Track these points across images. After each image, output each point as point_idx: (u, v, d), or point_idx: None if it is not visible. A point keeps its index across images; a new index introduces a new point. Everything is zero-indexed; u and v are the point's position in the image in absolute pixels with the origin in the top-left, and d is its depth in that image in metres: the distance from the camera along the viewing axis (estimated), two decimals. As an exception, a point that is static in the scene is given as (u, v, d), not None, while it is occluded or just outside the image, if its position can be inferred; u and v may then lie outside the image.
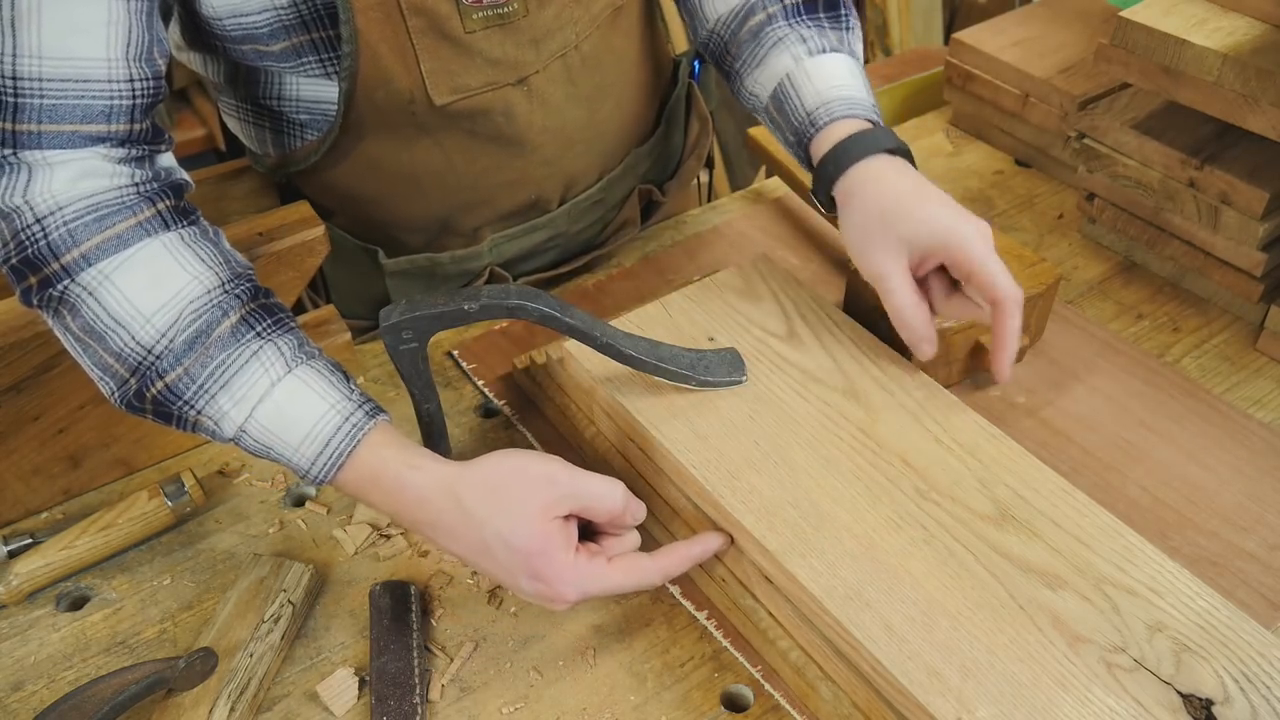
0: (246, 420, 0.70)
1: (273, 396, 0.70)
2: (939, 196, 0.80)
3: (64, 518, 0.86)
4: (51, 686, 0.74)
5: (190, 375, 0.69)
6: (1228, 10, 0.98)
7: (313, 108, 0.92)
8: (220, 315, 0.70)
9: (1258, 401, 0.95)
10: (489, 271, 1.06)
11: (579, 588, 0.68)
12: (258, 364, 0.70)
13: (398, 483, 0.70)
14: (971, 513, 0.73)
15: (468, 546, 0.69)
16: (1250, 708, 0.62)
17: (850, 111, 0.85)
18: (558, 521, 0.68)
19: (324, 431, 0.70)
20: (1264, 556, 0.81)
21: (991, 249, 0.78)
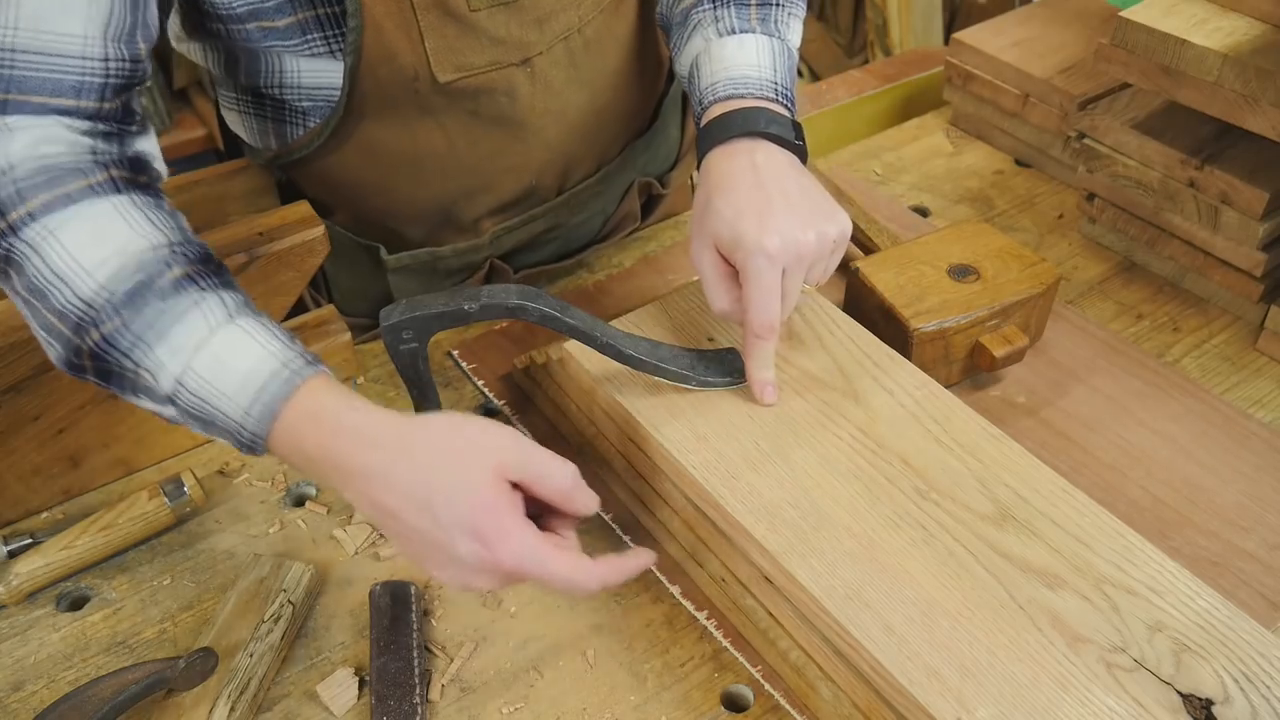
0: (183, 372, 0.65)
1: (210, 344, 0.65)
2: (756, 199, 0.76)
3: (64, 518, 0.86)
4: (51, 686, 0.74)
5: (127, 325, 0.65)
6: (1228, 10, 0.98)
7: (315, 94, 0.92)
8: (164, 268, 0.66)
9: (1258, 401, 0.95)
10: (489, 264, 1.06)
11: (517, 558, 0.62)
12: (198, 312, 0.66)
13: (338, 424, 0.64)
14: (971, 513, 0.73)
15: (404, 498, 0.63)
16: (1250, 708, 0.62)
17: (733, 91, 0.83)
18: (508, 485, 0.64)
19: (260, 375, 0.65)
20: (1264, 556, 0.81)
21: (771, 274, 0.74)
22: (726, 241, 0.76)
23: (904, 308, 0.90)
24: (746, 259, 0.75)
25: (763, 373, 0.79)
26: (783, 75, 0.85)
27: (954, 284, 0.93)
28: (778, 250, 0.74)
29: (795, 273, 0.76)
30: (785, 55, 0.87)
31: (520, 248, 1.08)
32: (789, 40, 0.88)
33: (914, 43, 2.66)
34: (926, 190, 1.22)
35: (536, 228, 1.07)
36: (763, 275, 0.74)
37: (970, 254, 0.96)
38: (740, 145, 0.80)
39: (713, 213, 0.77)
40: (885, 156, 1.28)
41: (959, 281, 0.93)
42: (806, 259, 0.76)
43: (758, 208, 0.76)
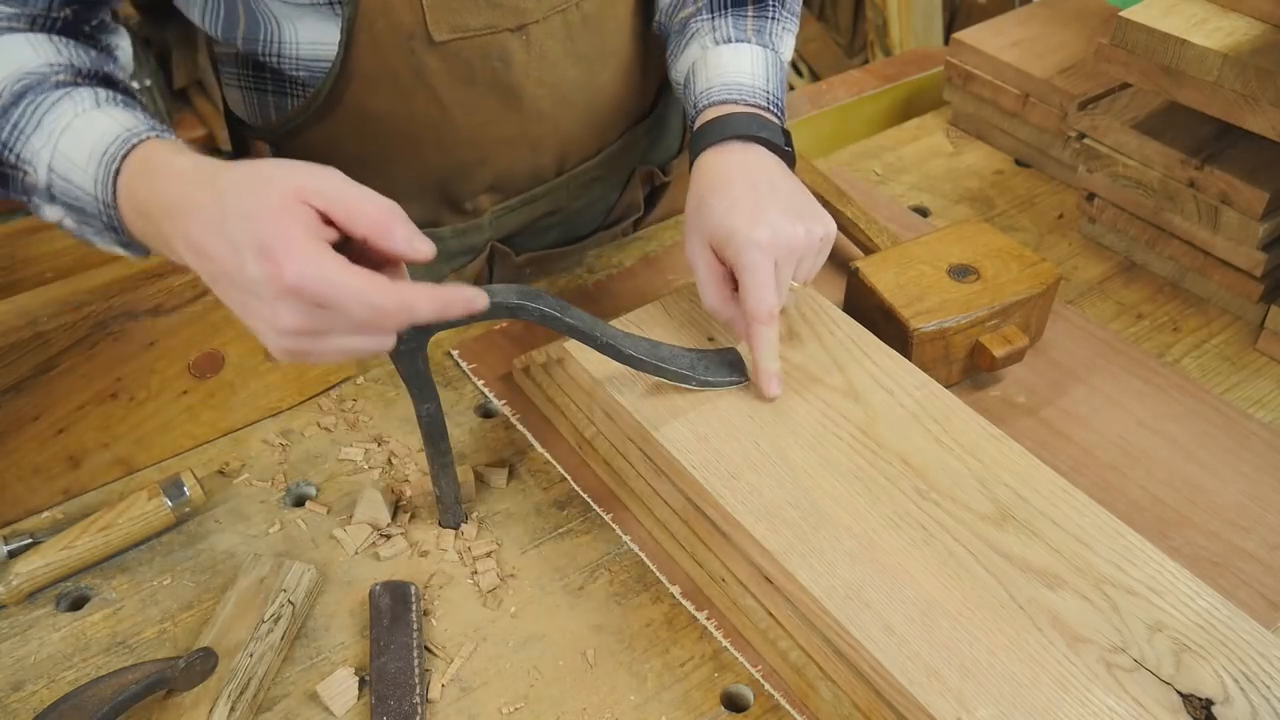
0: (52, 156, 0.68)
1: (73, 126, 0.68)
2: (748, 195, 0.79)
3: (64, 518, 0.86)
4: (51, 686, 0.74)
5: (8, 118, 0.69)
6: (1228, 10, 0.98)
7: (312, 65, 0.92)
8: (51, 74, 0.70)
9: (1258, 401, 0.95)
10: (490, 248, 1.06)
11: (303, 273, 0.58)
12: (68, 101, 0.69)
13: (166, 168, 0.65)
14: (971, 513, 0.73)
15: (206, 226, 0.61)
16: (1250, 708, 0.62)
17: (727, 96, 0.86)
18: (307, 207, 0.60)
19: (104, 141, 0.67)
20: (1264, 556, 0.81)
21: (764, 266, 0.76)
22: (720, 236, 0.79)
23: (904, 308, 0.90)
24: (739, 252, 0.77)
25: (769, 363, 0.79)
26: (774, 86, 0.89)
27: (954, 284, 0.93)
28: (769, 242, 0.77)
29: (785, 266, 0.79)
30: (778, 67, 0.91)
31: (521, 231, 1.09)
32: (781, 53, 0.93)
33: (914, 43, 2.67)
34: (926, 190, 1.22)
35: (537, 209, 1.07)
36: (758, 266, 0.77)
37: (970, 254, 0.96)
38: (733, 147, 0.83)
39: (706, 210, 0.80)
40: (885, 156, 1.28)
41: (959, 281, 0.93)
42: (796, 252, 0.79)
43: (749, 204, 0.79)
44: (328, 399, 0.95)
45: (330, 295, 0.59)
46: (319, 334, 0.62)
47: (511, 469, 0.89)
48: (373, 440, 0.92)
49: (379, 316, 0.61)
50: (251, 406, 0.92)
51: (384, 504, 0.84)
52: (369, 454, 0.90)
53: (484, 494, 0.87)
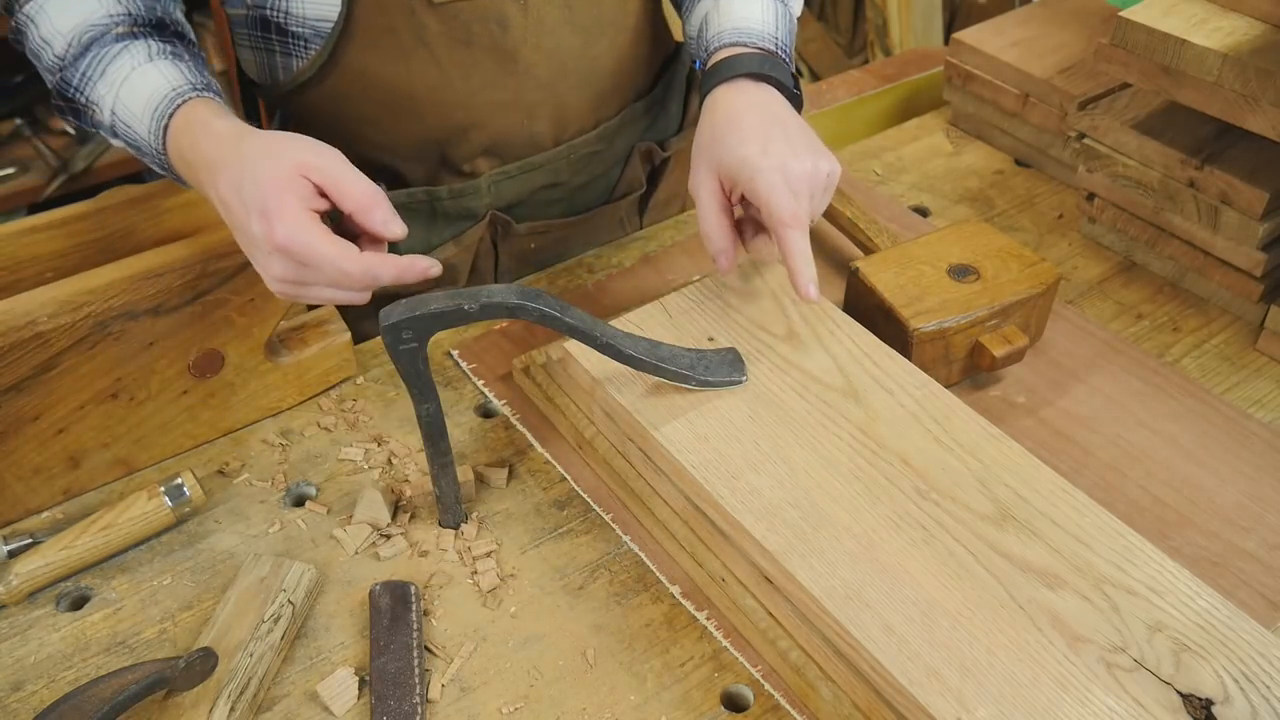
0: (114, 102, 0.81)
1: (130, 79, 0.81)
2: (759, 128, 0.83)
3: (64, 518, 0.86)
4: (51, 686, 0.74)
5: (77, 66, 0.83)
6: (1228, 10, 0.98)
7: (316, 25, 0.95)
8: (113, 26, 0.83)
9: (1258, 401, 0.95)
10: (490, 215, 1.08)
11: (289, 235, 0.71)
12: (126, 55, 0.82)
13: (206, 127, 0.77)
14: (971, 513, 0.73)
15: (230, 184, 0.74)
16: (1250, 707, 0.62)
17: (738, 40, 0.90)
18: (306, 181, 0.73)
19: (156, 98, 0.80)
20: (1264, 556, 0.81)
21: (782, 185, 0.80)
22: (731, 165, 0.82)
23: (904, 308, 0.90)
24: (753, 177, 0.81)
25: (805, 267, 0.80)
26: (784, 34, 0.93)
27: (954, 284, 0.93)
28: (781, 170, 0.81)
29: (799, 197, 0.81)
30: (787, 18, 0.95)
31: (522, 203, 1.10)
32: (791, 6, 0.98)
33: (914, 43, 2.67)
34: (926, 190, 1.22)
35: (536, 180, 1.09)
36: (774, 185, 0.80)
37: (970, 254, 0.96)
38: (745, 84, 0.87)
39: (718, 141, 0.84)
40: (885, 156, 1.28)
41: (959, 281, 0.93)
42: (805, 185, 0.81)
43: (761, 137, 0.83)
44: (328, 399, 0.96)
45: (308, 257, 0.72)
46: (303, 284, 0.74)
47: (511, 469, 0.89)
48: (373, 440, 0.92)
49: (346, 279, 0.73)
50: (251, 406, 0.92)
51: (384, 504, 0.84)
52: (369, 454, 0.90)
53: (484, 494, 0.87)
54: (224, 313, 0.86)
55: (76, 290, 0.79)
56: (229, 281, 0.85)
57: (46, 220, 0.89)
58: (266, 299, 0.88)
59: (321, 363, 0.95)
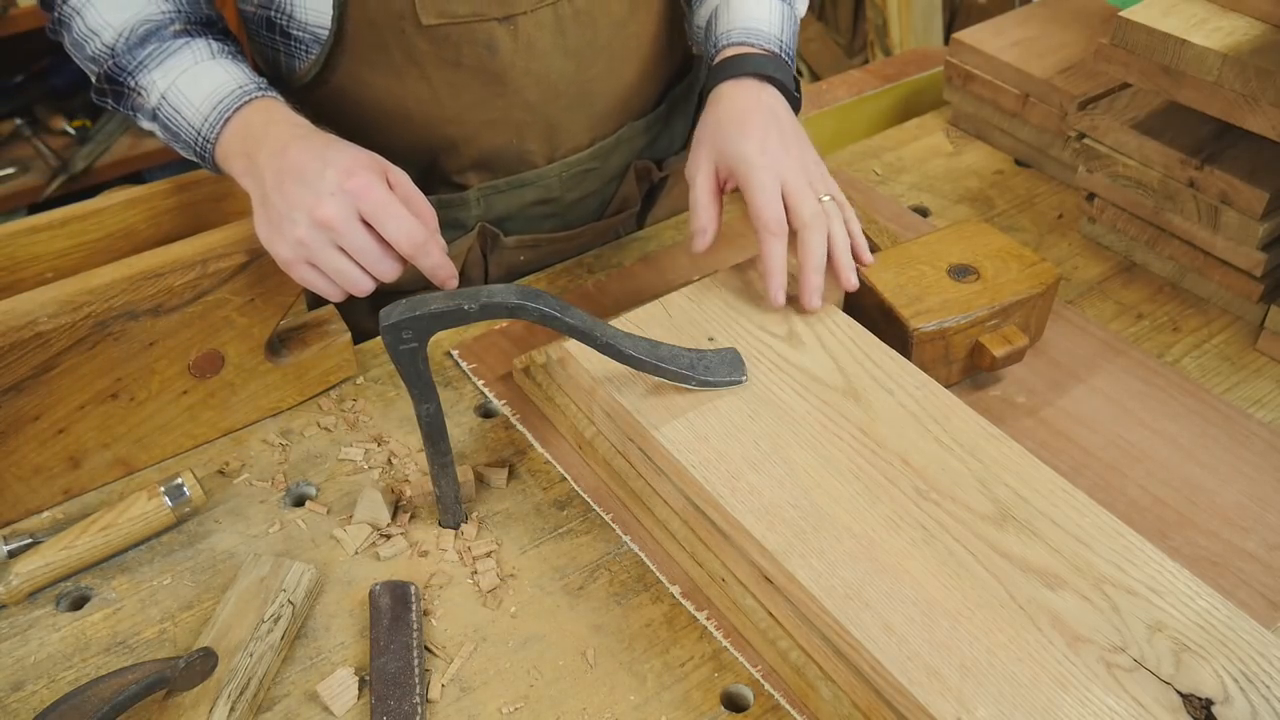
0: (168, 88, 0.84)
1: (193, 70, 0.85)
2: (760, 127, 0.87)
3: (64, 518, 0.86)
4: (51, 686, 0.74)
5: (134, 55, 0.86)
6: (1228, 10, 0.98)
7: (315, 30, 0.96)
8: (169, 23, 0.87)
9: (1258, 401, 0.95)
10: (479, 228, 1.08)
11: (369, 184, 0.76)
12: (189, 50, 0.86)
13: (286, 117, 0.83)
14: (971, 513, 0.73)
15: (309, 149, 0.78)
16: (1250, 707, 0.62)
17: (745, 39, 0.94)
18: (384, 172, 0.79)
19: (222, 91, 0.84)
20: (1264, 556, 0.81)
21: (772, 188, 0.85)
22: (731, 157, 0.87)
23: (904, 308, 0.90)
24: (749, 173, 0.85)
25: (777, 274, 0.85)
26: (788, 36, 0.97)
27: (954, 284, 0.93)
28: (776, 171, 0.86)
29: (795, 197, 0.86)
30: (791, 20, 0.99)
31: (512, 217, 1.10)
32: (796, 6, 1.01)
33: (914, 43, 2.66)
34: (926, 190, 1.22)
35: (527, 195, 1.08)
36: (765, 185, 0.85)
37: (970, 254, 0.96)
38: (750, 83, 0.91)
39: (721, 132, 0.88)
40: (885, 156, 1.28)
41: (959, 281, 0.93)
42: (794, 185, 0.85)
43: (760, 136, 0.87)
44: (328, 399, 0.96)
45: (381, 206, 0.77)
46: (337, 241, 0.77)
47: (511, 469, 0.89)
48: (373, 440, 0.92)
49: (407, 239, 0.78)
50: (251, 406, 0.92)
51: (384, 504, 0.84)
52: (369, 454, 0.90)
53: (484, 494, 0.87)
54: (224, 313, 0.86)
55: (76, 290, 0.79)
56: (229, 281, 0.85)
57: (46, 220, 0.89)
58: (267, 299, 0.88)
59: (321, 363, 0.95)
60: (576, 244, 1.15)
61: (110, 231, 0.91)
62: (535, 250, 1.12)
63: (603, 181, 1.13)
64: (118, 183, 0.87)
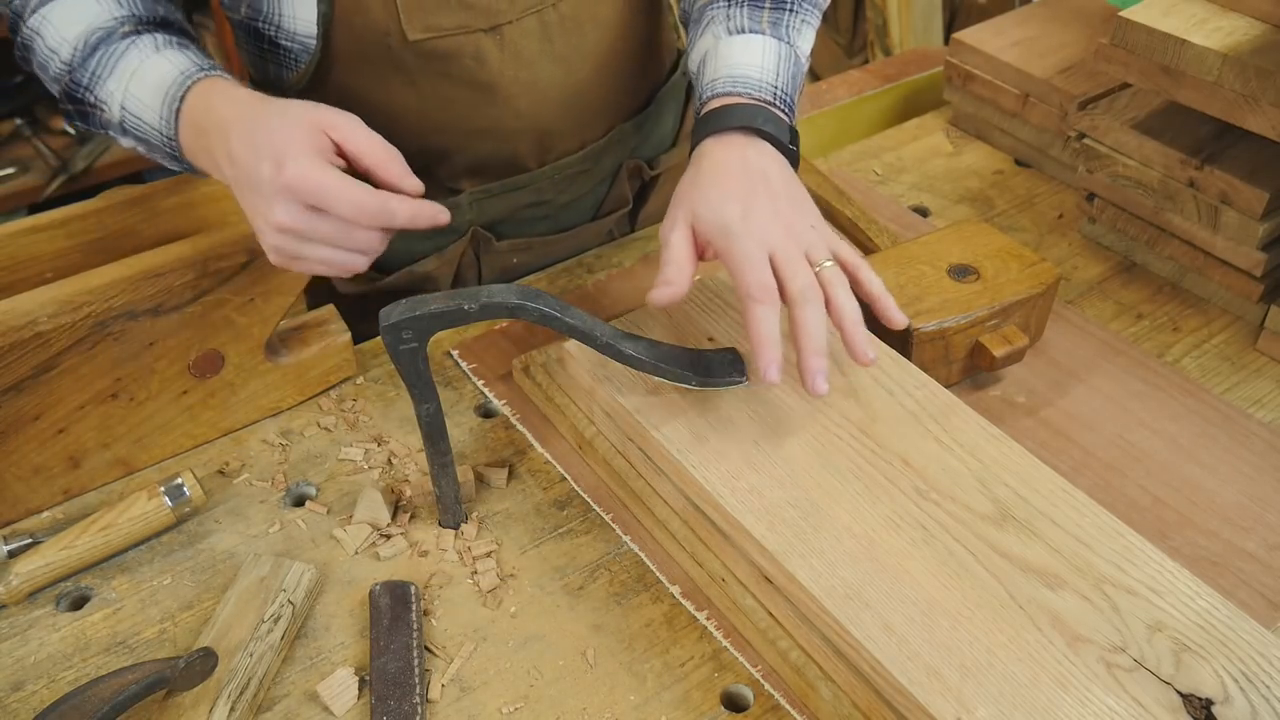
0: (124, 96, 0.81)
1: (140, 70, 0.81)
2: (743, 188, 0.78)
3: (64, 518, 0.86)
4: (51, 686, 0.74)
5: (86, 66, 0.82)
6: (1228, 10, 0.98)
7: (302, 39, 0.95)
8: (118, 26, 0.83)
9: (1258, 401, 0.95)
10: (471, 232, 1.08)
11: (300, 173, 0.71)
12: (134, 50, 0.82)
13: (222, 94, 0.78)
14: (971, 513, 0.73)
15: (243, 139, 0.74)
16: (1250, 707, 0.62)
17: (733, 88, 0.84)
18: (323, 133, 0.74)
19: (166, 82, 0.80)
20: (1264, 556, 0.81)
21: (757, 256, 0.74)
22: (710, 224, 0.77)
23: (904, 308, 0.90)
24: (731, 242, 0.75)
25: (767, 349, 0.73)
26: (784, 80, 0.86)
27: (954, 284, 0.93)
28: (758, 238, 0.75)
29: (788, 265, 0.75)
30: (791, 61, 0.87)
31: (505, 220, 1.10)
32: (799, 47, 0.89)
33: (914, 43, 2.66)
34: (926, 190, 1.22)
35: (520, 199, 1.08)
36: (749, 254, 0.75)
37: (970, 254, 0.96)
38: (735, 138, 0.81)
39: (700, 195, 0.78)
40: (885, 156, 1.28)
41: (959, 281, 0.93)
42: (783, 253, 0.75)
43: (743, 200, 0.77)
44: (328, 399, 0.96)
45: (320, 193, 0.71)
46: (305, 238, 0.74)
47: (511, 469, 0.89)
48: (373, 440, 0.92)
49: (360, 213, 0.73)
50: (251, 406, 0.92)
51: (384, 504, 0.84)
52: (369, 454, 0.90)
53: (484, 494, 0.87)
54: (224, 313, 0.86)
55: (76, 290, 0.79)
56: (229, 281, 0.85)
57: (47, 220, 0.89)
58: (267, 299, 0.88)
59: (321, 363, 0.95)
60: (569, 245, 1.15)
61: (110, 231, 0.91)
62: (528, 252, 1.13)
63: (595, 183, 1.14)
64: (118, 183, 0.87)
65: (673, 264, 0.77)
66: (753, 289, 0.74)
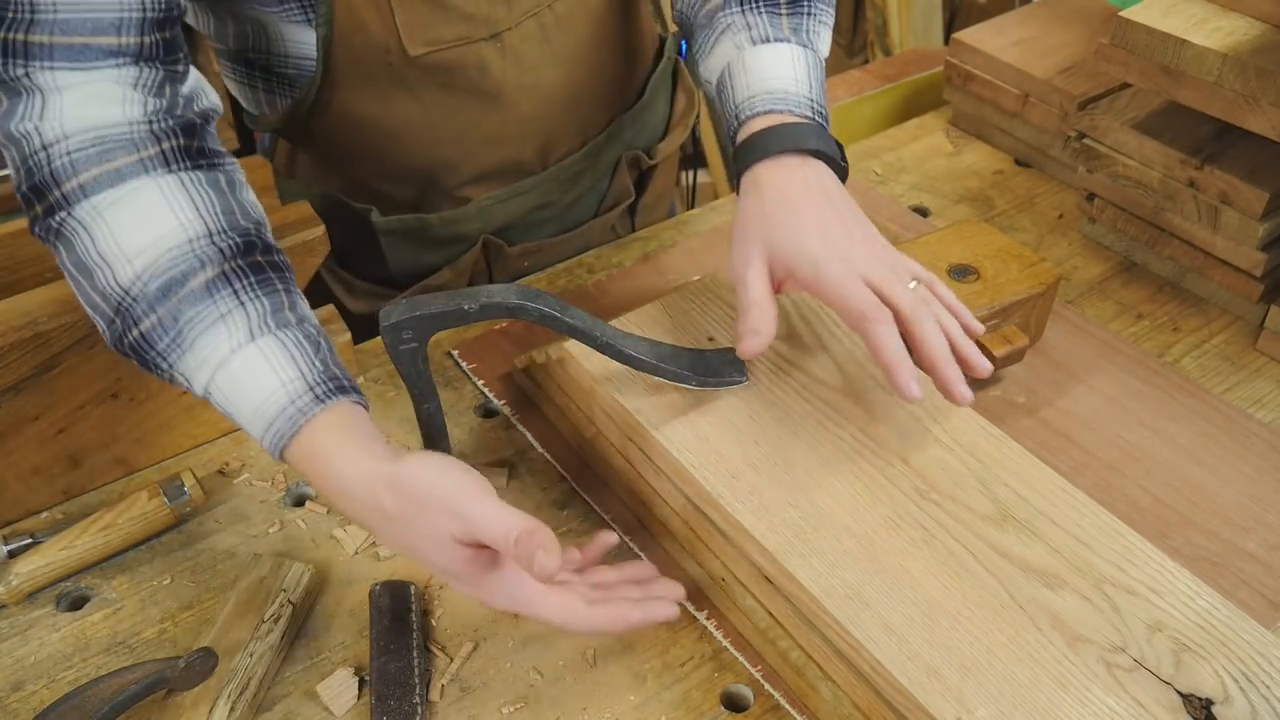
0: (208, 385, 0.69)
1: (230, 365, 0.68)
2: (816, 214, 0.76)
3: (64, 518, 0.86)
4: (51, 686, 0.74)
5: (163, 327, 0.68)
6: (1228, 10, 0.98)
7: (298, 63, 0.94)
8: (197, 265, 0.68)
9: (1258, 401, 0.95)
10: (482, 240, 1.08)
11: (504, 600, 0.67)
12: (223, 327, 0.68)
13: (328, 471, 0.68)
14: (971, 513, 0.73)
15: (398, 547, 0.69)
16: (1250, 707, 0.62)
17: (774, 106, 0.80)
18: (461, 547, 0.65)
19: (270, 410, 0.68)
20: (1264, 556, 0.81)
21: (854, 276, 0.73)
22: (791, 255, 0.75)
23: (904, 308, 0.90)
24: (822, 268, 0.73)
25: (903, 364, 0.72)
26: (818, 92, 0.83)
27: (954, 284, 0.93)
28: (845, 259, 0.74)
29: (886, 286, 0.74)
30: (818, 68, 0.85)
31: (513, 225, 1.10)
32: (820, 50, 0.87)
33: (914, 43, 2.66)
34: (926, 190, 1.22)
35: (527, 202, 1.08)
36: (845, 277, 0.72)
37: (970, 254, 0.96)
38: (791, 161, 0.78)
39: (772, 225, 0.76)
40: (885, 156, 1.28)
41: (959, 281, 0.93)
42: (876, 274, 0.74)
43: (819, 225, 0.75)
44: (328, 399, 0.95)
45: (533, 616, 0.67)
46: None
47: (511, 469, 0.89)
48: (373, 440, 0.91)
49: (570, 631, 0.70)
50: (251, 406, 0.92)
51: (384, 504, 0.84)
52: (369, 454, 0.90)
53: (484, 494, 0.87)
54: (224, 313, 0.86)
55: (76, 290, 0.79)
56: (229, 281, 0.85)
57: (46, 220, 0.89)
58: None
59: (321, 363, 0.95)
60: (576, 244, 1.15)
61: (110, 231, 0.91)
62: (538, 255, 1.13)
63: (597, 178, 1.14)
64: (117, 183, 0.87)
65: (756, 307, 0.75)
66: (868, 311, 0.72)
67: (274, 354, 0.68)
